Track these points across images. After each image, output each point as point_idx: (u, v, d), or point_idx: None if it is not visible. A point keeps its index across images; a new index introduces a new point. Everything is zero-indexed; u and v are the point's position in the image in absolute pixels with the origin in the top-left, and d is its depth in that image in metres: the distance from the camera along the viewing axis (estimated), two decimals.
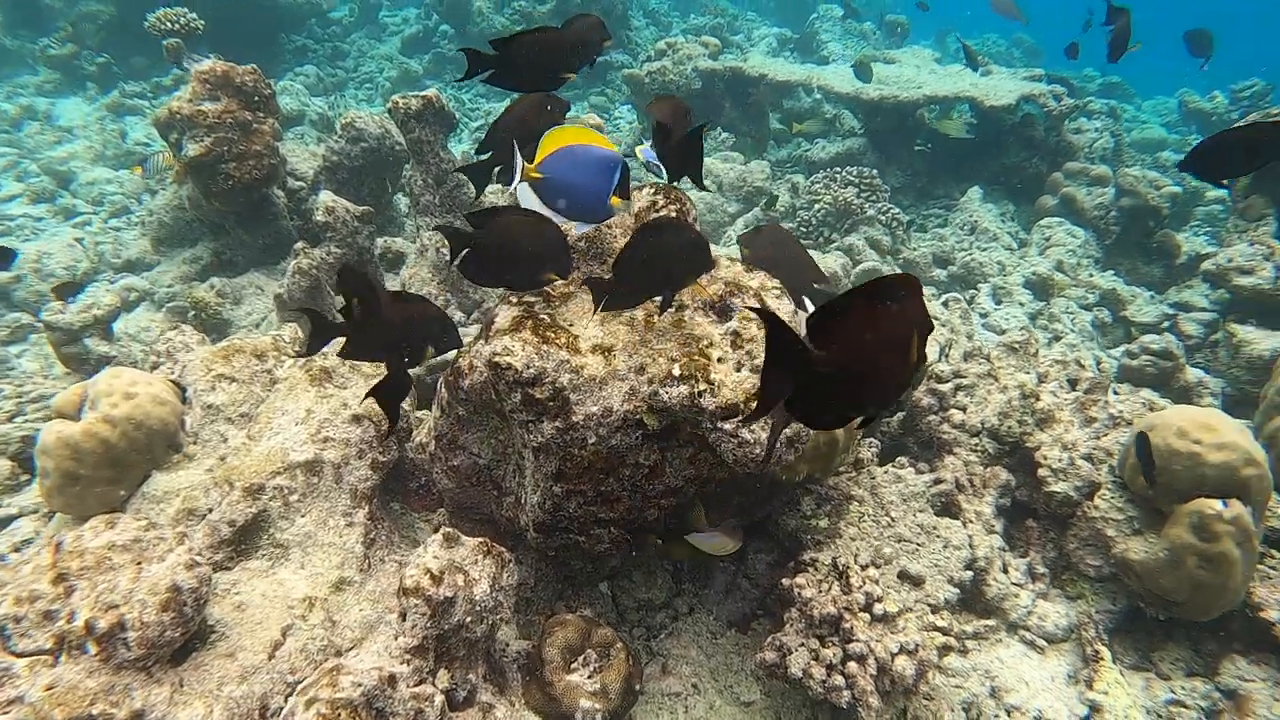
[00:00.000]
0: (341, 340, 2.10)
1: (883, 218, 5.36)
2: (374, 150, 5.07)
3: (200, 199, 4.91)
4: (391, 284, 4.79)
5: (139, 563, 2.05)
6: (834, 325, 1.01)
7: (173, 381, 2.84)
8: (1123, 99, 9.97)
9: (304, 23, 10.40)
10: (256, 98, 4.71)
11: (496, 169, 2.56)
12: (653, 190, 2.36)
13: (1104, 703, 2.61)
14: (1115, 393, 3.36)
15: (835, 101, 7.28)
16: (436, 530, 2.96)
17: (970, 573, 2.86)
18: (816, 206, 5.32)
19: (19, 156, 7.21)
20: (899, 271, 5.15)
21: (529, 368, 1.99)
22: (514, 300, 2.21)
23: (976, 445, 3.20)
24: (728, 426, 1.94)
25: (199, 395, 2.77)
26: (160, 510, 2.57)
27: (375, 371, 2.87)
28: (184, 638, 2.02)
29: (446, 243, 4.17)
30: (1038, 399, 3.12)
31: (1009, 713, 2.67)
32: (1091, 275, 5.10)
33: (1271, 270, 4.05)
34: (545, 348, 2.01)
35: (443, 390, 2.44)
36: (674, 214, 2.33)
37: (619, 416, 2.00)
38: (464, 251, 1.98)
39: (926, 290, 5.15)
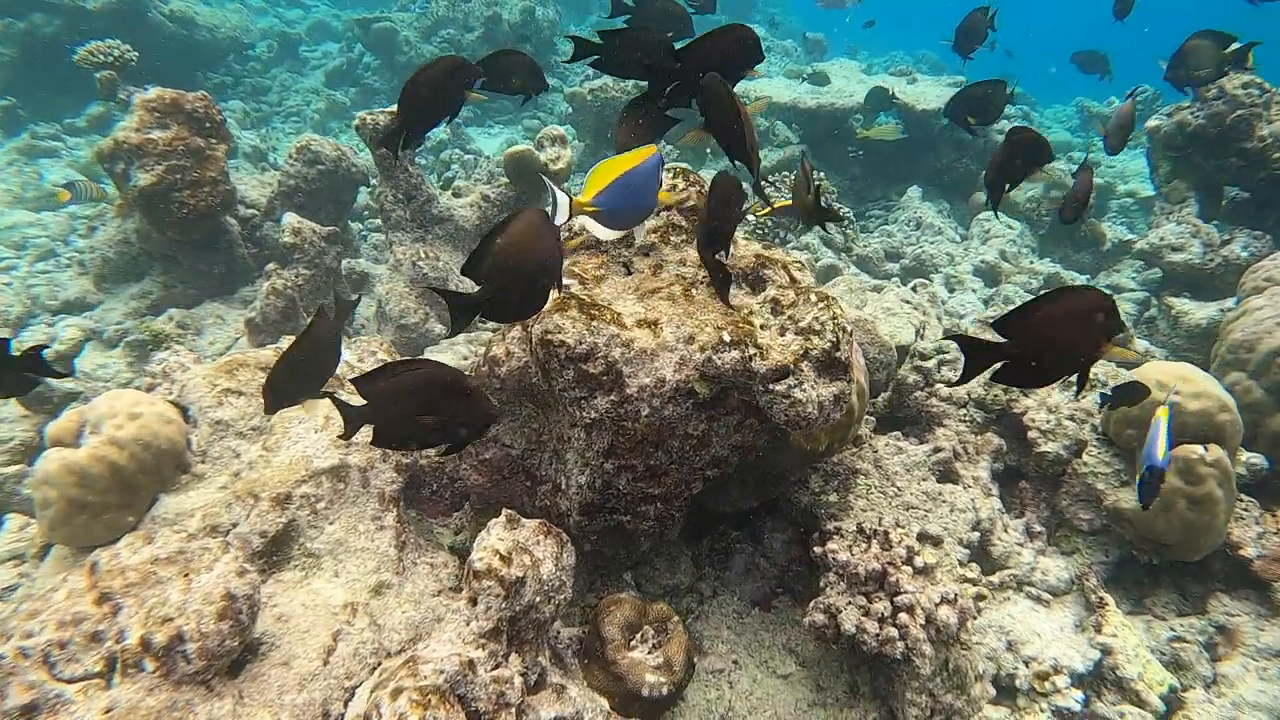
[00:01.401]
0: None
1: None
2: (331, 173, 5.01)
3: (150, 231, 4.75)
4: (367, 302, 4.72)
5: (187, 574, 1.98)
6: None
7: (172, 402, 2.74)
8: (1026, 107, 10.62)
9: (222, 59, 10.17)
10: (208, 124, 4.61)
11: (404, 133, 2.61)
12: (670, 174, 2.43)
13: (1114, 644, 2.75)
14: None
15: (770, 113, 7.54)
16: (458, 532, 2.94)
17: (977, 534, 2.99)
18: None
19: None
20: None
21: (581, 343, 2.02)
22: None
23: (965, 415, 3.35)
24: (779, 388, 2.01)
25: (205, 412, 2.69)
26: (177, 532, 2.47)
27: None
28: (241, 646, 1.95)
29: (425, 267, 4.16)
30: None
31: (1027, 664, 2.79)
32: (1032, 263, 5.42)
33: (1199, 246, 4.39)
34: (594, 324, 2.04)
35: None
36: (694, 195, 2.41)
37: (671, 387, 2.05)
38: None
39: (883, 282, 5.37)
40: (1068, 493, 3.14)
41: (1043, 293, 1.69)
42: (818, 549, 2.59)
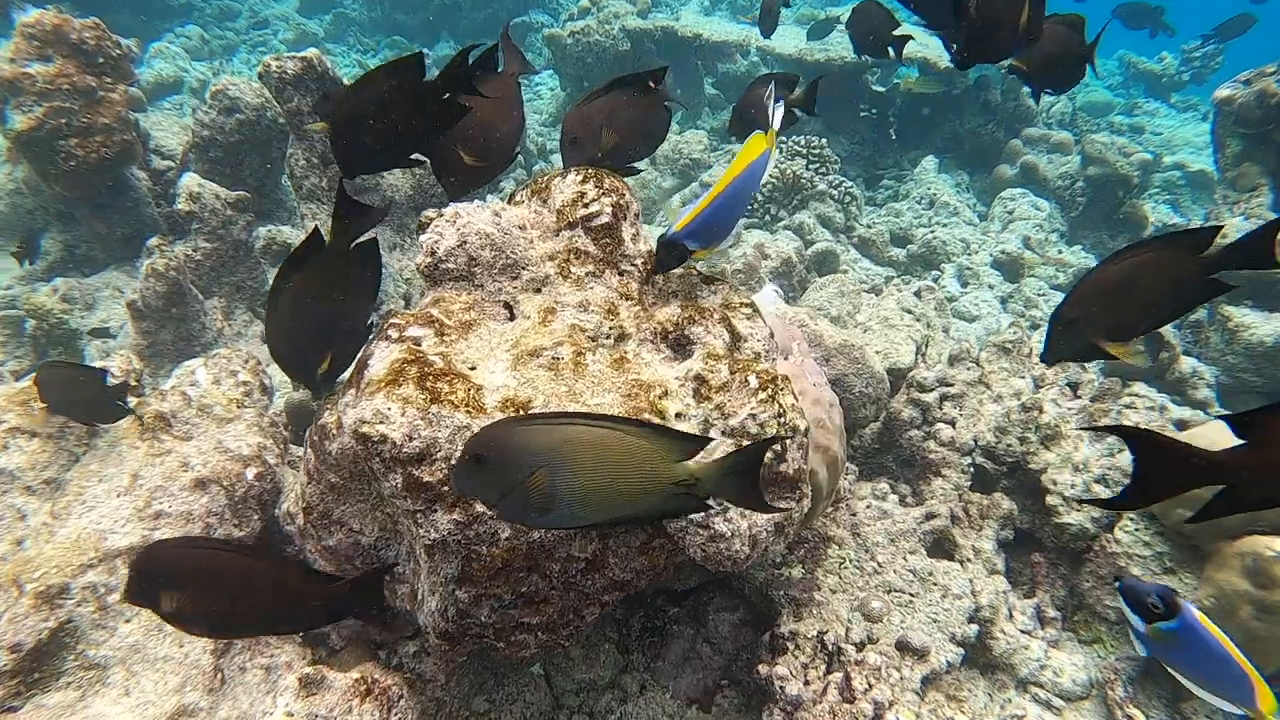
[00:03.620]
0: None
1: (834, 192, 4.86)
2: (252, 123, 4.31)
3: (38, 182, 4.11)
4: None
5: None
6: None
7: None
8: None
9: None
10: (101, 59, 3.92)
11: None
12: (579, 178, 1.77)
13: None
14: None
15: (774, 64, 6.73)
16: None
17: (974, 626, 2.40)
18: (761, 181, 4.78)
19: None
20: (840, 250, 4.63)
21: (413, 439, 1.40)
22: (394, 334, 1.60)
23: (969, 465, 2.73)
24: (696, 516, 1.39)
25: None
26: None
27: (228, 415, 2.24)
28: None
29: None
30: (1041, 411, 2.66)
31: None
32: (1060, 252, 4.71)
33: None
34: (436, 408, 1.42)
35: (308, 451, 1.82)
36: (608, 207, 1.75)
37: None
38: None
39: (881, 270, 4.69)
40: (1093, 573, 2.54)
41: None
42: (764, 669, 2.01)
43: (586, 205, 1.72)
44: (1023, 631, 2.51)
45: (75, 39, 3.82)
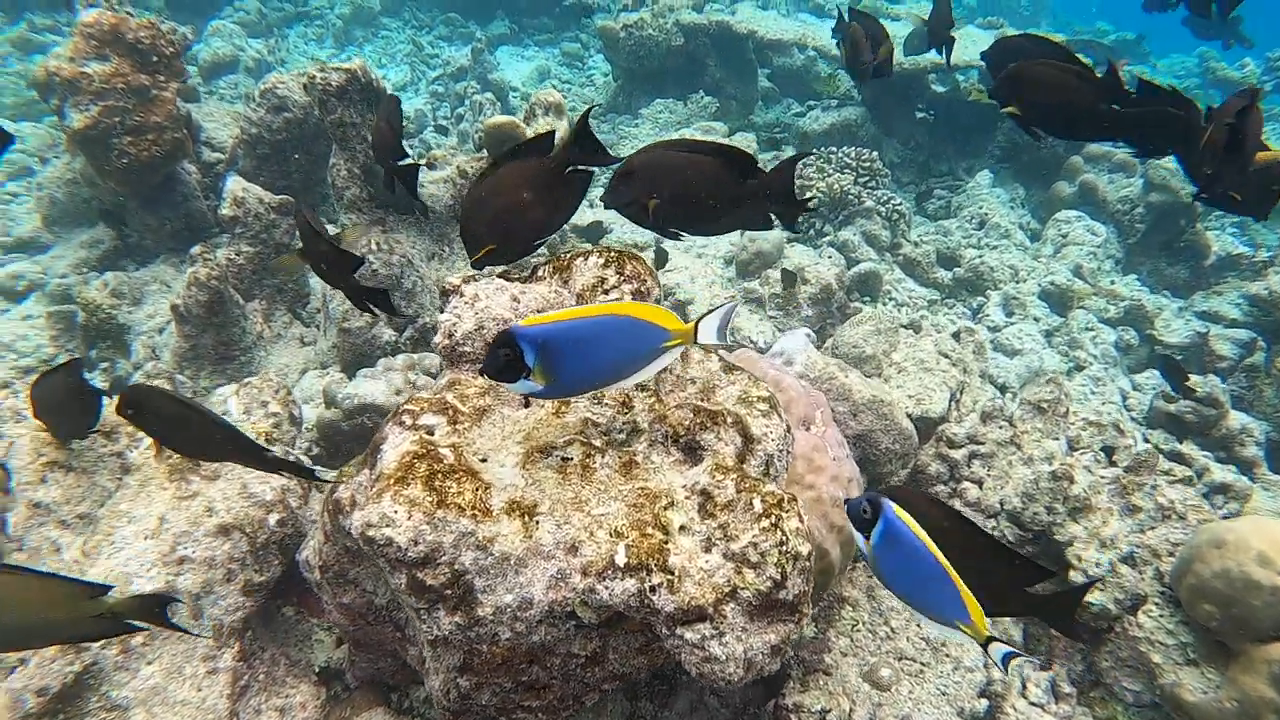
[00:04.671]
0: None
1: (882, 209, 4.75)
2: (300, 122, 4.36)
3: (94, 176, 4.22)
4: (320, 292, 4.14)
5: None
6: None
7: None
8: (1137, 59, 9.25)
9: None
10: (155, 57, 3.99)
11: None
12: (601, 260, 1.75)
13: None
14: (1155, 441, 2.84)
15: (831, 62, 6.57)
16: (339, 644, 2.43)
17: (985, 701, 2.37)
18: (809, 195, 4.69)
19: None
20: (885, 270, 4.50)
21: (417, 544, 1.42)
22: (407, 420, 1.62)
23: (994, 530, 2.68)
24: (690, 635, 1.39)
25: (24, 489, 2.17)
26: None
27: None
28: None
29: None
30: (1071, 481, 2.59)
31: None
32: (1113, 283, 4.55)
33: None
34: (442, 512, 1.43)
35: (324, 516, 1.86)
36: (627, 294, 1.74)
37: (541, 609, 1.45)
38: None
39: (925, 292, 4.58)
40: (1112, 653, 2.49)
41: None
42: None
43: (606, 291, 1.70)
44: (1034, 705, 2.47)
45: (131, 39, 3.89)
